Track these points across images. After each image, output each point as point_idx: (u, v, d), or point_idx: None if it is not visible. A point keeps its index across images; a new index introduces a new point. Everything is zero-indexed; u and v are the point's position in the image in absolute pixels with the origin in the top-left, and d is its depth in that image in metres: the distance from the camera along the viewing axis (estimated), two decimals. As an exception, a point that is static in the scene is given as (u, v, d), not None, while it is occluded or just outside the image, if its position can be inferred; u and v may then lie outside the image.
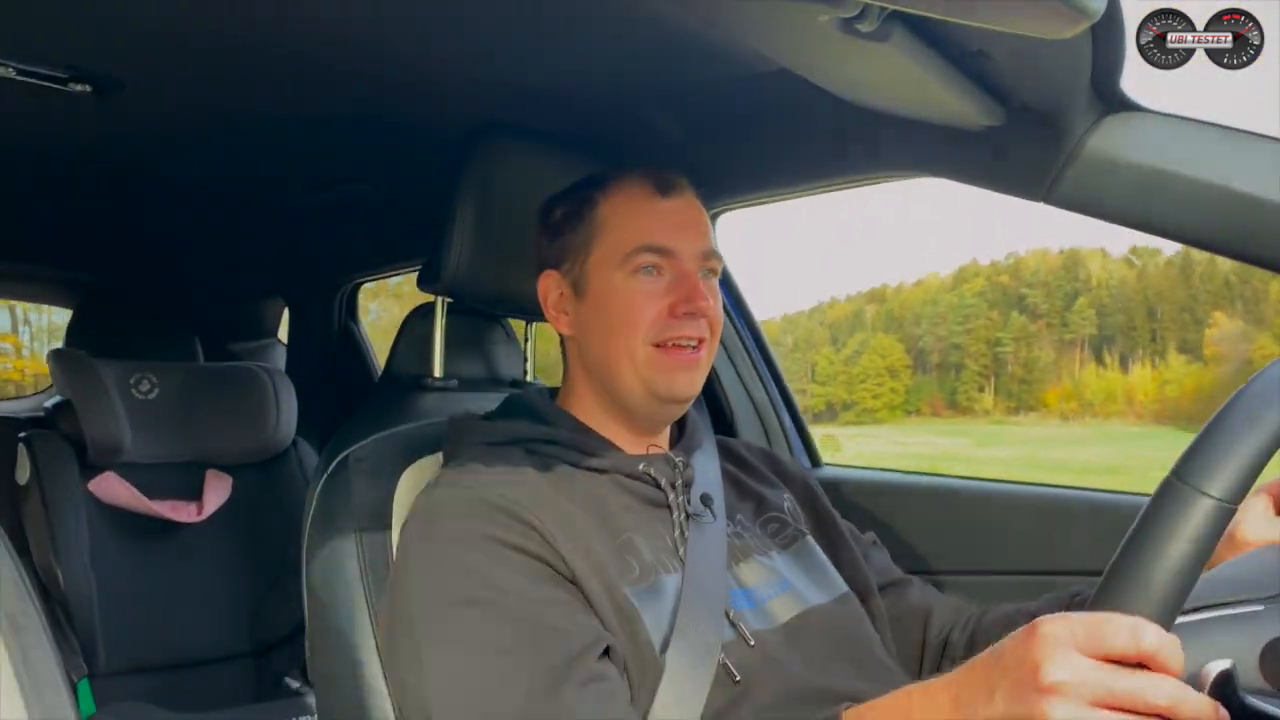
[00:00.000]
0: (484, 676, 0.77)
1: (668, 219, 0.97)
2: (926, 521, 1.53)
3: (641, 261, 0.96)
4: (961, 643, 1.03)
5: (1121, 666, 0.56)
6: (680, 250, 0.96)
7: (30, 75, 1.22)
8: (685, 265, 0.96)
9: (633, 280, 0.96)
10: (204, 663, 1.95)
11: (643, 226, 0.96)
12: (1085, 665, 0.56)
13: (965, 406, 12.60)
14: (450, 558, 0.83)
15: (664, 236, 0.96)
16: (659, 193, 0.98)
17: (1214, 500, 0.58)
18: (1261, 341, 11.54)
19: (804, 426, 1.75)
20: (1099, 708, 0.55)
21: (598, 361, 0.99)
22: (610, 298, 0.97)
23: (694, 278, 0.96)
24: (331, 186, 1.84)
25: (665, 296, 0.95)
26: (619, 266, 0.96)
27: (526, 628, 0.78)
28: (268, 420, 2.09)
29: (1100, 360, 12.73)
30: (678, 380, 0.96)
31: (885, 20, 0.77)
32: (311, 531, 1.03)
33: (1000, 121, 1.02)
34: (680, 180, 1.00)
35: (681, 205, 0.99)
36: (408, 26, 1.07)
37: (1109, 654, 0.56)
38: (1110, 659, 0.56)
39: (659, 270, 0.96)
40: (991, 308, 12.95)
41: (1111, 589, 0.59)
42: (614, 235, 0.97)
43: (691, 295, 0.95)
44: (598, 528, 0.89)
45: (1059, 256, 12.91)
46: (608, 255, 0.97)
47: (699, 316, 0.95)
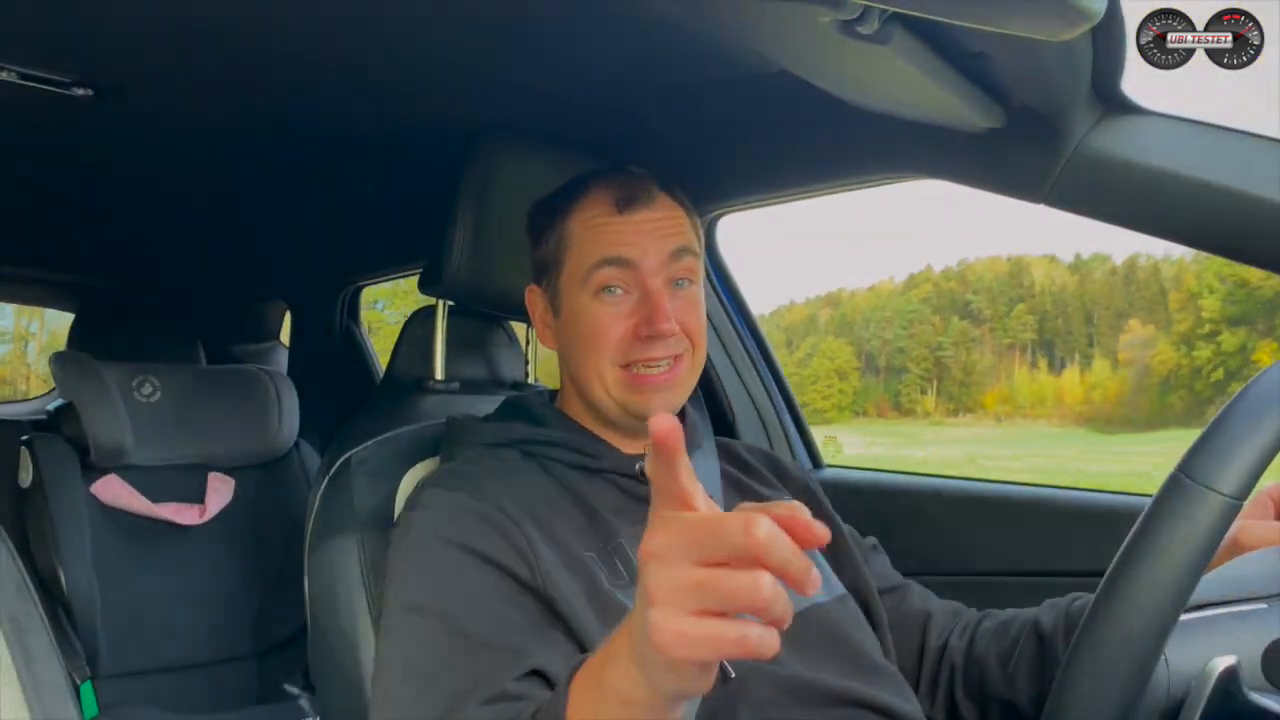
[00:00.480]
0: (410, 684, 0.79)
1: (627, 229, 0.95)
2: (928, 522, 1.52)
3: (603, 278, 0.94)
4: (960, 648, 1.02)
5: (730, 567, 0.50)
6: (640, 260, 0.94)
7: (32, 80, 1.22)
8: (648, 281, 0.93)
9: (595, 302, 0.94)
10: (206, 665, 1.95)
11: (602, 239, 0.95)
12: (683, 575, 0.51)
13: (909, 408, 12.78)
14: (420, 560, 0.85)
15: (622, 247, 0.94)
16: (618, 208, 0.95)
17: (1221, 496, 0.58)
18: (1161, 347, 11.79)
19: (805, 427, 1.75)
20: (700, 616, 0.50)
21: (580, 379, 0.98)
22: (578, 319, 0.96)
23: (658, 295, 0.93)
24: (333, 189, 1.84)
25: (630, 317, 0.94)
26: (583, 286, 0.95)
27: (464, 643, 0.79)
28: (270, 423, 2.09)
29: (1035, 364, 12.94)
30: (651, 402, 0.94)
31: (885, 22, 0.77)
32: (313, 534, 1.03)
33: (1000, 123, 1.02)
34: (644, 190, 0.96)
35: (645, 215, 0.95)
36: (408, 27, 1.08)
37: (718, 557, 0.51)
38: (723, 562, 0.51)
39: (624, 287, 0.94)
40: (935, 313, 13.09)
41: (1117, 583, 0.59)
42: (577, 251, 0.96)
43: (653, 317, 0.92)
44: (588, 531, 0.90)
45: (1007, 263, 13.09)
46: (573, 273, 0.96)
47: (664, 338, 0.93)
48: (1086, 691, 0.60)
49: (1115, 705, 0.59)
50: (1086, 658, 0.60)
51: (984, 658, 0.99)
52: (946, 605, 1.09)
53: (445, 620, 0.81)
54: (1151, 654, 0.58)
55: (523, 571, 0.84)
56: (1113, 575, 0.60)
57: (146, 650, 1.89)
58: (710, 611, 0.50)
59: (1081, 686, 0.60)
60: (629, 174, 0.99)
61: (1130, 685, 0.59)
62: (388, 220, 1.95)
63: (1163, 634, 0.58)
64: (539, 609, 0.84)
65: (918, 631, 1.07)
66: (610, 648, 0.61)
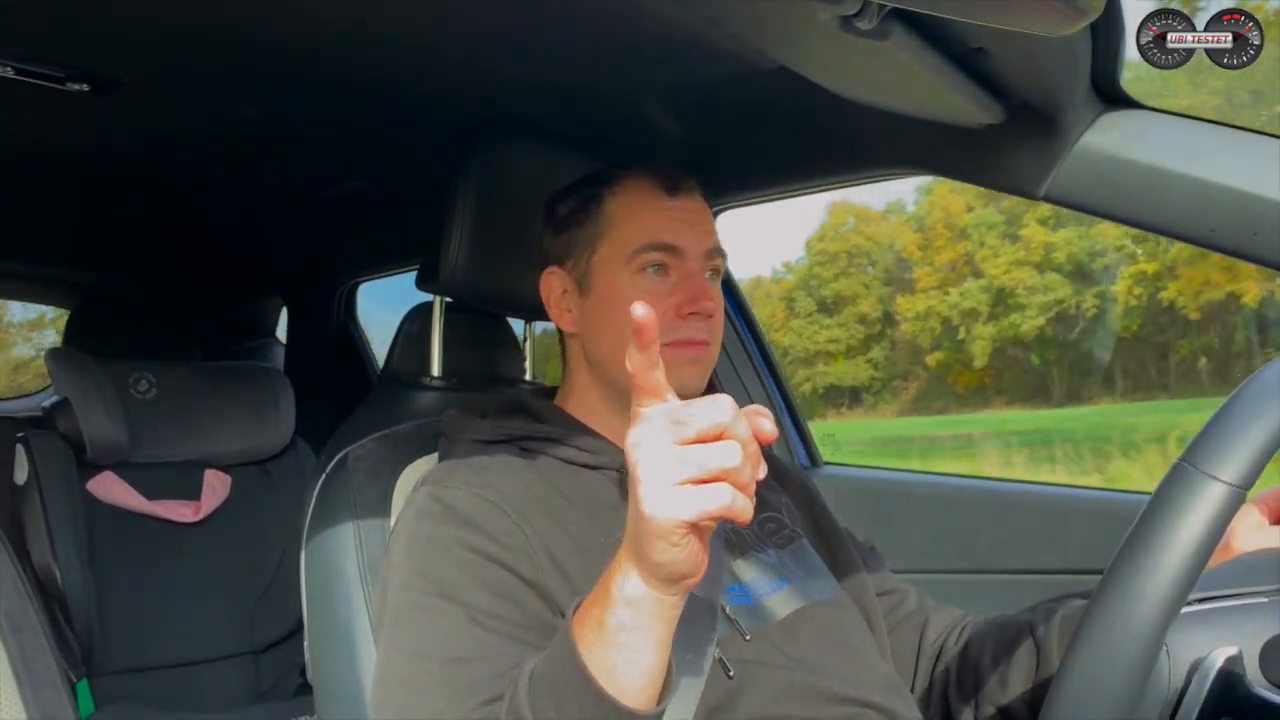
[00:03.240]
0: (411, 684, 0.79)
1: (675, 217, 0.97)
2: (926, 521, 1.53)
3: (648, 260, 0.95)
4: (956, 651, 1.02)
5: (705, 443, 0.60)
6: (687, 249, 0.96)
7: (28, 75, 1.22)
8: (691, 265, 0.96)
9: (639, 278, 0.95)
10: (203, 663, 1.95)
11: (651, 224, 0.96)
12: (664, 452, 0.60)
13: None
14: (419, 560, 0.85)
15: (671, 234, 0.96)
16: (667, 191, 0.98)
17: (1226, 485, 0.58)
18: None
19: (804, 426, 1.75)
20: (683, 485, 0.60)
21: (604, 359, 0.98)
22: (616, 296, 0.96)
23: (700, 278, 0.96)
24: (330, 185, 1.84)
25: (671, 296, 0.95)
26: (626, 264, 0.96)
27: (466, 642, 0.79)
28: (266, 420, 2.09)
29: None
30: (684, 373, 0.94)
31: (885, 18, 0.77)
32: (310, 531, 1.03)
33: (999, 119, 1.02)
34: (688, 179, 1.00)
35: (688, 204, 0.98)
36: (407, 23, 1.07)
37: (691, 436, 0.60)
38: (696, 441, 0.60)
39: (665, 269, 0.96)
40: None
41: (1121, 571, 0.59)
42: (621, 232, 0.97)
43: (698, 295, 0.94)
44: (588, 526, 0.89)
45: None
46: (614, 252, 0.97)
47: (705, 317, 0.95)
48: (1089, 677, 0.60)
49: (1118, 692, 0.59)
50: (1089, 645, 0.60)
51: (979, 660, 0.99)
52: (944, 609, 1.09)
53: (448, 618, 0.80)
54: (1155, 642, 0.59)
55: (525, 568, 0.84)
56: (1116, 563, 0.60)
57: (143, 648, 1.88)
58: (691, 480, 0.59)
59: (1084, 672, 0.60)
60: (667, 166, 1.01)
61: (1133, 673, 0.59)
62: (385, 217, 1.95)
63: (1166, 622, 0.59)
64: (541, 605, 0.83)
65: (914, 634, 1.07)
66: (606, 574, 0.67)
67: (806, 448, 1.72)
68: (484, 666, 0.78)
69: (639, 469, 0.61)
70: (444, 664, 0.78)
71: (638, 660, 0.66)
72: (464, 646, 0.79)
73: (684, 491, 0.59)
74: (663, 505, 0.60)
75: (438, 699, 0.77)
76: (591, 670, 0.66)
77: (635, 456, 0.61)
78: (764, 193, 1.45)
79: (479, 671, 0.77)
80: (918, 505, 1.55)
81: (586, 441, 0.96)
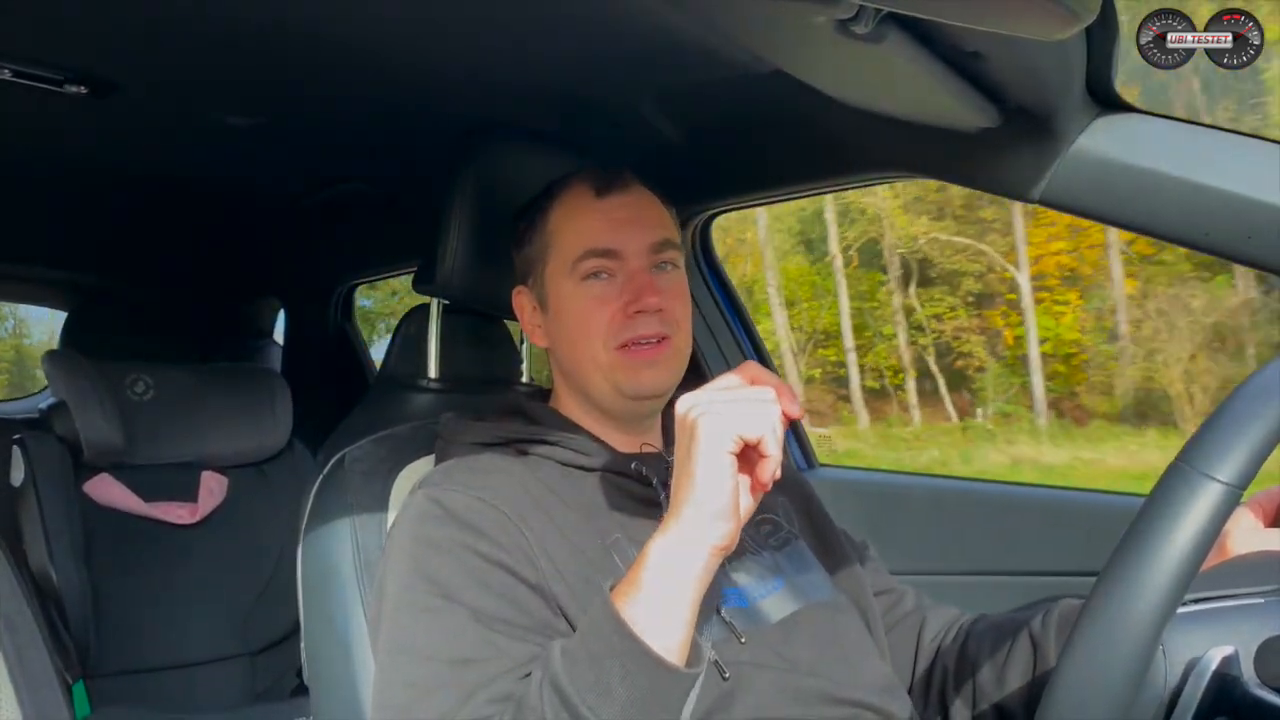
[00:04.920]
0: (412, 685, 0.79)
1: (610, 218, 0.97)
2: (924, 522, 1.53)
3: (587, 268, 0.96)
4: (953, 651, 1.02)
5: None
6: (625, 249, 0.96)
7: (26, 77, 1.22)
8: (633, 264, 0.96)
9: (583, 288, 0.96)
10: (200, 664, 1.94)
11: (586, 231, 0.96)
12: (713, 398, 0.75)
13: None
14: (419, 562, 0.85)
15: (607, 238, 0.96)
16: (596, 193, 0.98)
17: (1222, 484, 0.58)
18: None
19: (799, 426, 1.75)
20: (731, 404, 0.74)
21: (570, 370, 0.99)
22: (566, 307, 0.97)
23: (644, 275, 0.95)
24: (327, 187, 1.84)
25: (617, 299, 0.95)
26: (568, 275, 0.97)
27: (467, 643, 0.79)
28: (263, 421, 2.08)
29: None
30: (643, 377, 0.95)
31: (880, 22, 0.77)
32: (307, 533, 1.03)
33: (994, 123, 1.02)
34: (620, 176, 0.99)
35: (622, 202, 0.98)
36: (404, 26, 1.07)
37: (737, 386, 0.76)
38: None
39: (609, 273, 0.96)
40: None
41: (1117, 569, 0.59)
42: (561, 243, 0.98)
43: (641, 293, 0.94)
44: (585, 528, 0.90)
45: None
46: (559, 265, 0.98)
47: (652, 313, 0.94)
48: (1085, 676, 0.60)
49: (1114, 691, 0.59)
50: (1086, 643, 0.60)
51: (976, 660, 0.99)
52: (940, 608, 1.09)
53: (452, 619, 0.80)
54: (1151, 641, 0.59)
55: (525, 570, 0.84)
56: (1113, 561, 0.60)
57: (139, 649, 1.88)
58: (737, 403, 0.75)
59: (1080, 671, 0.60)
60: (604, 168, 1.01)
61: (1129, 671, 0.59)
62: (382, 219, 1.95)
63: (1162, 621, 0.59)
64: (542, 606, 0.83)
65: (912, 634, 1.07)
66: (640, 556, 0.75)
67: (802, 449, 1.73)
68: (491, 666, 0.78)
69: (694, 406, 0.75)
70: (451, 665, 0.78)
71: (672, 614, 0.72)
72: (470, 647, 0.79)
73: (733, 409, 0.73)
74: (722, 425, 0.72)
75: (445, 699, 0.77)
76: (631, 628, 0.71)
77: (688, 401, 0.75)
78: (759, 196, 1.46)
79: (486, 671, 0.77)
80: (913, 507, 1.55)
81: (582, 443, 0.96)
